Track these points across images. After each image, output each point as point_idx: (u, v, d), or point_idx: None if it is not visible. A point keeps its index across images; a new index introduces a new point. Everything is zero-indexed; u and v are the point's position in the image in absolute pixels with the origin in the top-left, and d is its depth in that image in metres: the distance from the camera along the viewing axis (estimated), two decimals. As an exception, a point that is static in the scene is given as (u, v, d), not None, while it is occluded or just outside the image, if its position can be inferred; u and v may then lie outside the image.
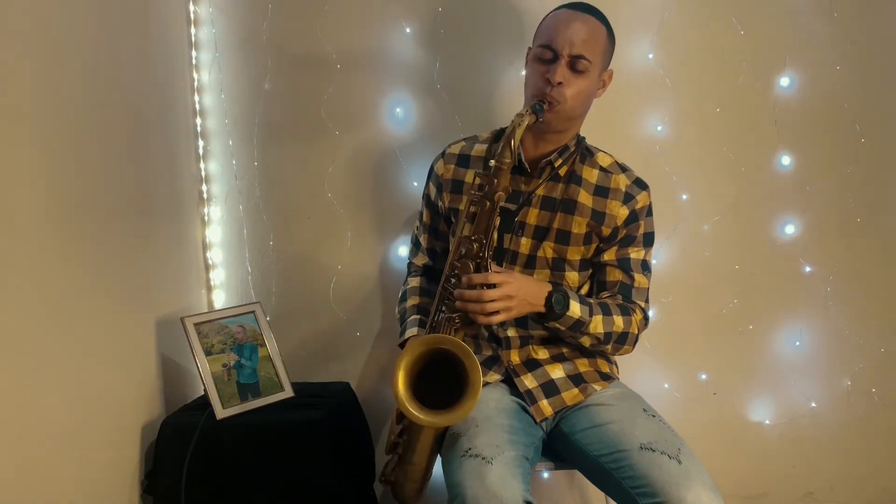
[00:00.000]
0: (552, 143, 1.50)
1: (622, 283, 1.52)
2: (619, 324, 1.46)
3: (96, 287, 1.48)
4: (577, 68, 1.40)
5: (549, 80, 1.40)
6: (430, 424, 1.29)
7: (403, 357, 1.31)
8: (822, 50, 1.93)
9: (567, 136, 1.51)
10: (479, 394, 1.26)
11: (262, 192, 2.01)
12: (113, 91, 1.57)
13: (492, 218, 1.35)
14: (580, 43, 1.40)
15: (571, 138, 1.51)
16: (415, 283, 1.68)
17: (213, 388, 1.64)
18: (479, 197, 1.35)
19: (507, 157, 1.32)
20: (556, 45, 1.40)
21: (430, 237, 1.68)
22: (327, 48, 1.95)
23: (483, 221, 1.35)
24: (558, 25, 1.42)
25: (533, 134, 1.50)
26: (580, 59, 1.40)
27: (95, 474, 1.47)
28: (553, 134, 1.48)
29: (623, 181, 1.52)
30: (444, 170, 1.60)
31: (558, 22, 1.43)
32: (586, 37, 1.40)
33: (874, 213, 1.98)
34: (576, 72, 1.41)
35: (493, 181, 1.33)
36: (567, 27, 1.41)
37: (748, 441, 2.05)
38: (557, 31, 1.41)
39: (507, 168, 1.33)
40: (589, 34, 1.41)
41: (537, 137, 1.50)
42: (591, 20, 1.43)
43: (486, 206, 1.35)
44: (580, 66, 1.40)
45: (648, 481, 1.24)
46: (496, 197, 1.34)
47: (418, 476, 1.48)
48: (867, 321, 2.01)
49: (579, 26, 1.41)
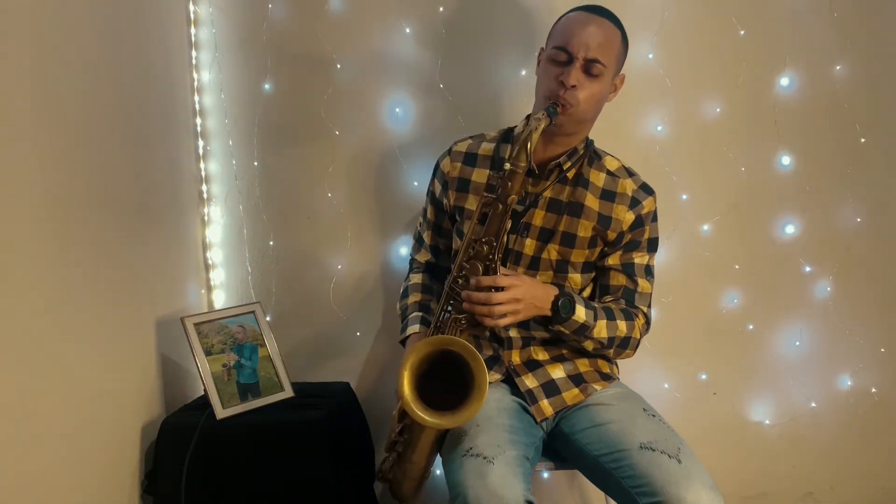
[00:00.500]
0: (562, 145, 1.50)
1: (626, 287, 1.52)
2: (622, 329, 1.46)
3: (96, 287, 1.48)
4: (591, 72, 1.40)
5: (562, 83, 1.38)
6: (435, 426, 1.29)
7: (409, 357, 1.30)
8: (822, 50, 1.93)
9: (577, 139, 1.50)
10: (486, 396, 1.26)
11: (262, 192, 2.01)
12: (113, 91, 1.57)
13: (503, 221, 1.34)
14: (596, 46, 1.38)
15: (581, 141, 1.51)
16: (417, 279, 1.68)
17: (213, 388, 1.64)
18: (491, 199, 1.34)
19: (522, 160, 1.31)
20: (572, 47, 1.39)
21: (433, 234, 1.68)
22: (327, 48, 1.95)
23: (494, 224, 1.34)
24: (574, 28, 1.41)
25: (543, 136, 1.48)
26: (595, 63, 1.39)
27: (95, 474, 1.47)
28: (563, 136, 1.48)
29: (630, 186, 1.52)
30: (450, 167, 1.60)
31: (574, 24, 1.42)
32: (602, 41, 1.39)
33: (874, 213, 1.98)
34: (590, 76, 1.40)
35: (506, 184, 1.32)
36: (583, 30, 1.39)
37: (748, 441, 2.05)
38: (573, 34, 1.40)
39: (522, 172, 1.32)
40: (605, 38, 1.40)
41: (547, 139, 1.49)
42: (606, 24, 1.42)
43: (498, 209, 1.34)
44: (595, 69, 1.39)
45: (648, 481, 1.24)
46: (509, 200, 1.33)
47: (417, 475, 1.48)
48: (867, 321, 2.01)
49: (595, 30, 1.39)
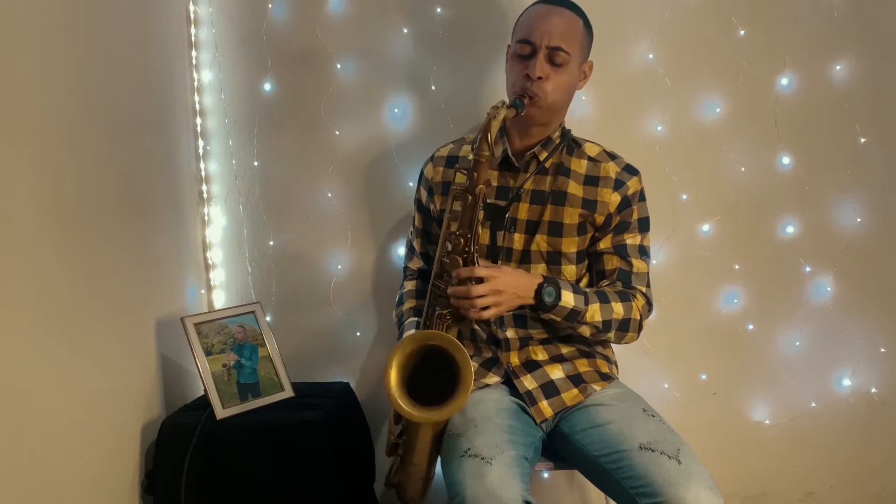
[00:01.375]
0: (537, 136, 1.52)
1: (620, 269, 1.51)
2: (618, 311, 1.45)
3: (96, 287, 1.48)
4: (555, 61, 1.42)
5: (528, 76, 1.41)
6: (422, 420, 1.30)
7: (394, 354, 1.31)
8: (822, 50, 1.93)
9: (550, 129, 1.52)
10: (471, 387, 1.26)
11: (262, 192, 2.01)
12: (113, 91, 1.57)
13: (475, 211, 1.36)
14: (558, 35, 1.41)
15: (555, 130, 1.53)
16: (410, 286, 1.69)
17: (213, 388, 1.64)
18: (460, 191, 1.37)
19: (484, 149, 1.33)
20: (534, 38, 1.42)
21: (423, 241, 1.69)
22: (327, 48, 1.95)
23: (467, 215, 1.36)
24: (535, 20, 1.44)
25: (517, 129, 1.52)
26: (558, 52, 1.41)
27: (95, 474, 1.47)
28: (537, 127, 1.50)
29: (613, 168, 1.53)
30: (433, 173, 1.62)
31: (535, 16, 1.45)
32: (564, 29, 1.42)
33: (874, 213, 1.98)
34: (555, 65, 1.42)
35: (473, 174, 1.35)
36: (544, 21, 1.42)
37: (748, 441, 2.05)
38: (534, 26, 1.43)
39: (486, 160, 1.34)
40: (566, 26, 1.43)
41: (522, 131, 1.52)
42: (566, 13, 1.45)
43: (468, 200, 1.36)
44: (559, 58, 1.42)
45: (648, 481, 1.24)
46: (477, 190, 1.35)
47: (420, 477, 1.48)
48: (867, 321, 2.01)
49: (556, 19, 1.43)
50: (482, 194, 1.35)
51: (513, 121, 1.45)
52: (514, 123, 1.50)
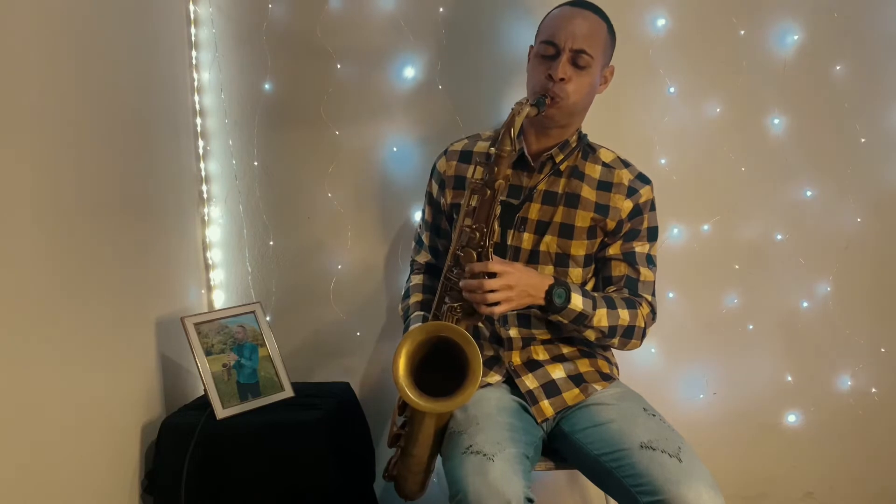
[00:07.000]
0: (554, 137, 1.52)
1: (628, 276, 1.52)
2: (624, 317, 1.46)
3: (96, 287, 1.48)
4: (578, 64, 1.42)
5: (551, 76, 1.41)
6: (429, 410, 1.29)
7: (404, 344, 1.31)
8: (822, 50, 1.93)
9: (568, 132, 1.52)
10: (479, 380, 1.26)
11: (262, 192, 2.01)
12: (113, 91, 1.57)
13: (492, 206, 1.35)
14: (582, 38, 1.41)
15: (573, 133, 1.53)
16: (417, 280, 1.68)
17: (213, 388, 1.64)
18: (479, 185, 1.36)
19: (506, 145, 1.32)
20: (558, 40, 1.42)
21: (431, 235, 1.68)
22: (327, 48, 1.95)
23: (484, 210, 1.36)
24: (560, 22, 1.44)
25: (535, 129, 1.51)
26: (582, 54, 1.41)
27: (95, 474, 1.47)
28: (555, 129, 1.50)
29: (626, 175, 1.53)
30: (446, 167, 1.61)
31: (560, 18, 1.45)
32: (588, 32, 1.42)
33: (874, 213, 1.98)
34: (578, 67, 1.42)
35: (493, 169, 1.34)
36: (569, 23, 1.43)
37: (748, 441, 2.05)
38: (559, 27, 1.43)
39: (507, 156, 1.33)
40: (590, 29, 1.43)
41: (539, 132, 1.51)
42: (591, 16, 1.45)
43: (486, 195, 1.35)
44: (582, 61, 1.42)
45: (649, 480, 1.24)
46: (496, 185, 1.34)
47: (419, 469, 1.48)
48: (867, 321, 2.01)
49: (581, 22, 1.43)
50: (501, 189, 1.35)
51: (531, 121, 1.45)
52: (533, 124, 1.50)
